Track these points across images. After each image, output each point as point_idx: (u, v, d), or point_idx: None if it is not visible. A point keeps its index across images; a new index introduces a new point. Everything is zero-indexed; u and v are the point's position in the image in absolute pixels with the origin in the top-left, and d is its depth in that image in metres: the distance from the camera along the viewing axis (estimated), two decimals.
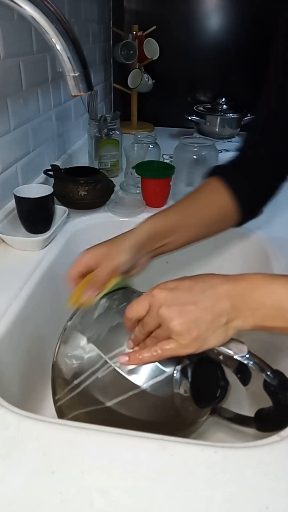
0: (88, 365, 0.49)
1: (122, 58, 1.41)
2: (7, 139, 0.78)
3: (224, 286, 0.42)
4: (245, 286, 0.42)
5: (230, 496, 0.36)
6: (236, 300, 0.41)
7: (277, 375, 0.44)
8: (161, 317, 0.42)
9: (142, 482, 0.37)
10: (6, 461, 0.38)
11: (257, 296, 0.41)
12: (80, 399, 0.49)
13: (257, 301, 0.41)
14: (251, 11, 1.49)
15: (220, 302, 0.41)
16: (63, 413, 0.51)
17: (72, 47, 0.46)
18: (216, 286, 0.42)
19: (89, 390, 0.48)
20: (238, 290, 0.41)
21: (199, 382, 0.47)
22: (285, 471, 0.38)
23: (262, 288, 0.41)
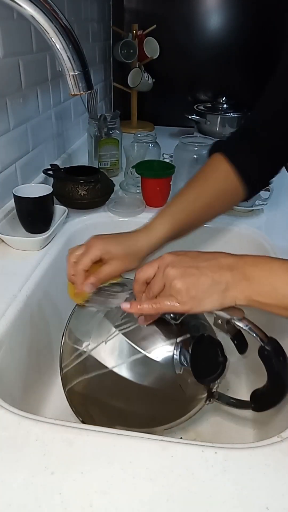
0: (96, 332, 0.52)
1: (122, 57, 1.41)
2: (7, 139, 0.78)
3: (227, 259, 0.45)
4: (247, 261, 0.45)
5: (230, 496, 0.36)
6: (236, 272, 0.44)
7: (272, 341, 0.46)
8: (165, 276, 0.45)
9: (142, 483, 0.37)
10: (6, 461, 0.38)
11: (256, 271, 0.44)
12: (85, 365, 0.51)
13: (255, 275, 0.43)
14: (251, 10, 1.49)
15: (221, 271, 0.44)
16: (68, 380, 0.54)
17: (71, 46, 0.46)
18: (219, 258, 0.45)
19: (94, 356, 0.51)
20: (240, 264, 0.44)
21: (198, 357, 0.49)
22: (285, 471, 0.38)
23: (261, 265, 0.44)
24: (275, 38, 1.52)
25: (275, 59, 1.62)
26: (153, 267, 0.48)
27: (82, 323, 0.55)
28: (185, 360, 0.50)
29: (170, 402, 0.52)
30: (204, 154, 0.92)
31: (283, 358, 0.46)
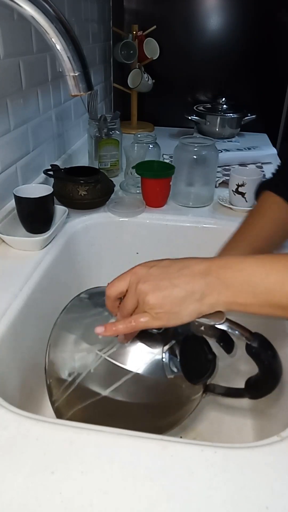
0: (79, 361, 0.50)
1: (122, 58, 1.41)
2: (7, 139, 0.78)
3: (199, 265, 0.44)
4: (219, 264, 0.44)
5: (230, 496, 0.36)
6: (210, 278, 0.43)
7: (256, 337, 0.46)
8: (138, 292, 0.44)
9: (142, 482, 0.37)
10: (6, 461, 0.38)
11: (229, 273, 0.43)
12: (76, 395, 0.50)
13: (229, 277, 0.43)
14: (251, 10, 1.49)
15: (194, 280, 0.43)
16: (62, 413, 0.52)
17: (72, 47, 0.46)
18: (192, 265, 0.44)
19: (84, 384, 0.49)
20: (213, 269, 0.43)
21: (188, 359, 0.49)
22: (285, 471, 0.38)
23: (234, 266, 0.43)
24: (275, 39, 1.52)
25: (275, 59, 1.63)
26: (125, 280, 0.46)
27: (63, 351, 0.53)
28: (175, 366, 0.49)
29: (170, 409, 0.52)
30: (203, 155, 0.93)
31: (271, 351, 0.46)
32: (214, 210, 0.93)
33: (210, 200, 0.96)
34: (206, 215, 0.90)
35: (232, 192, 0.91)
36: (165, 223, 0.89)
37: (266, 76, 1.57)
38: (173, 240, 0.89)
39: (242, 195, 0.90)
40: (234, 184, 0.90)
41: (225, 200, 0.94)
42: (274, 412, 0.57)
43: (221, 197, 0.95)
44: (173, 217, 0.89)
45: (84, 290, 0.93)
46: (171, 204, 0.94)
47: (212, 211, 0.92)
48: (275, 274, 0.42)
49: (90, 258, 0.90)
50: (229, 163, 1.20)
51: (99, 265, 0.92)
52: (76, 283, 0.85)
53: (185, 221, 0.88)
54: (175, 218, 0.89)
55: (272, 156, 1.26)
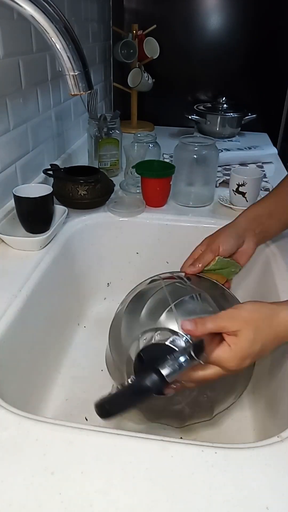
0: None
1: (122, 57, 1.41)
2: (6, 139, 0.78)
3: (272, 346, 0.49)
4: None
5: (230, 496, 0.36)
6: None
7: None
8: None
9: (142, 483, 0.37)
10: (6, 461, 0.38)
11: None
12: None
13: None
14: (251, 10, 1.49)
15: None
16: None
17: (71, 46, 0.46)
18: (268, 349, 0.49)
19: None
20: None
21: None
22: (285, 471, 0.38)
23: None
24: (275, 38, 1.52)
25: (275, 59, 1.63)
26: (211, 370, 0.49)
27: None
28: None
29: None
30: (204, 154, 0.92)
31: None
32: (214, 210, 0.93)
33: (211, 200, 0.96)
34: (207, 215, 0.90)
35: (232, 191, 0.91)
36: (165, 223, 0.89)
37: (267, 75, 1.57)
38: (173, 240, 0.88)
39: (243, 194, 0.90)
40: (235, 184, 0.90)
41: (225, 200, 0.94)
42: (274, 413, 0.57)
43: (222, 197, 0.95)
44: (173, 217, 0.89)
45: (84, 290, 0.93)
46: (171, 204, 0.94)
47: (212, 211, 0.92)
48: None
49: (90, 258, 0.90)
50: (230, 162, 1.20)
51: (99, 265, 0.91)
52: (75, 283, 0.85)
53: (185, 221, 0.88)
54: (175, 218, 0.89)
55: (272, 156, 1.26)
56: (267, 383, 0.64)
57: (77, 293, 0.86)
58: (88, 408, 0.66)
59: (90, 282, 0.91)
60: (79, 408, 0.67)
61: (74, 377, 0.73)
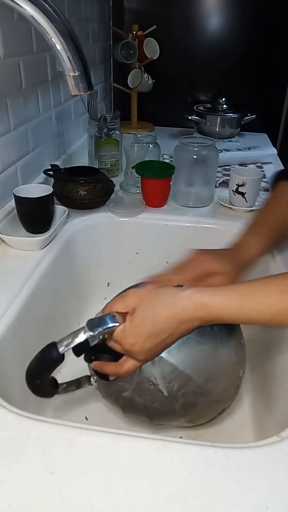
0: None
1: (122, 57, 1.41)
2: (7, 139, 0.78)
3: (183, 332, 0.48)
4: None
5: (230, 496, 0.36)
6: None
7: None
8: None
9: (142, 483, 0.37)
10: (6, 461, 0.38)
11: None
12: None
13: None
14: (251, 10, 1.49)
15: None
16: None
17: (72, 47, 0.46)
18: (175, 335, 0.48)
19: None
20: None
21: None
22: (285, 471, 0.38)
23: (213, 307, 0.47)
24: (275, 38, 1.52)
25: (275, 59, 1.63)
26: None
27: None
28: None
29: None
30: (204, 155, 0.92)
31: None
32: (214, 210, 0.93)
33: (210, 200, 0.96)
34: (206, 215, 0.90)
35: (232, 192, 0.91)
36: (165, 223, 0.89)
37: (266, 75, 1.57)
38: (173, 240, 0.89)
39: (242, 195, 0.90)
40: (234, 184, 0.90)
41: (225, 200, 0.94)
42: (274, 412, 0.57)
43: (221, 197, 0.95)
44: (173, 217, 0.89)
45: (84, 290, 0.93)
46: (171, 204, 0.94)
47: (212, 211, 0.92)
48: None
49: (90, 258, 0.90)
50: (229, 163, 1.20)
51: (99, 265, 0.92)
52: (75, 283, 0.85)
53: (185, 221, 0.88)
54: (175, 218, 0.89)
55: (272, 156, 1.26)
56: (267, 383, 0.64)
57: (77, 293, 0.86)
58: (88, 408, 0.67)
59: (90, 282, 0.91)
60: (79, 408, 0.67)
61: (74, 377, 0.73)
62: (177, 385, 0.53)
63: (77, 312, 0.87)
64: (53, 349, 0.48)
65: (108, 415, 0.66)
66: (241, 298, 0.45)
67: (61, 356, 0.48)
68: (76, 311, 0.86)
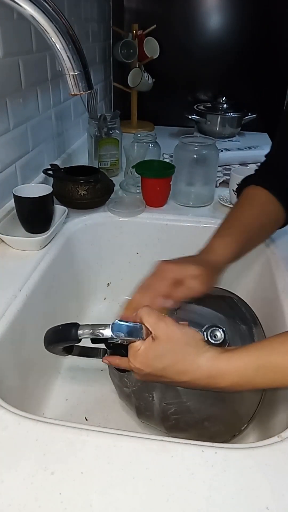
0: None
1: (122, 57, 1.41)
2: (6, 138, 0.78)
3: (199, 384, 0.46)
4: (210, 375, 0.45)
5: (230, 496, 0.36)
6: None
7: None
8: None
9: (142, 483, 0.37)
10: (5, 461, 0.38)
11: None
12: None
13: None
14: (252, 9, 1.49)
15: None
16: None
17: (71, 46, 0.46)
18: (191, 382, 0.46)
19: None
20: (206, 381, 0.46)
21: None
22: (285, 471, 0.38)
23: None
24: (275, 38, 1.52)
25: (275, 58, 1.63)
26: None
27: None
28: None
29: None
30: (204, 154, 0.92)
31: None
32: (214, 209, 0.93)
33: (211, 200, 0.96)
34: (207, 214, 0.90)
35: (232, 191, 0.91)
36: (165, 223, 0.88)
37: (267, 75, 1.57)
38: (173, 240, 0.88)
39: None
40: (235, 184, 0.90)
41: (225, 200, 0.94)
42: (274, 413, 0.57)
43: (222, 197, 0.95)
44: (173, 217, 0.89)
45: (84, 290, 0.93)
46: (171, 204, 0.94)
47: (212, 211, 0.92)
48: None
49: (90, 258, 0.90)
50: (230, 162, 1.20)
51: (99, 265, 0.92)
52: (75, 283, 0.85)
53: (185, 221, 0.88)
54: (175, 218, 0.89)
55: None
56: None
57: (77, 293, 0.86)
58: (88, 408, 0.67)
59: (90, 282, 0.91)
60: (79, 408, 0.67)
61: (74, 377, 0.73)
62: (174, 410, 0.53)
63: (77, 312, 0.87)
64: (73, 330, 0.48)
65: (108, 416, 0.66)
66: (258, 360, 0.43)
67: (77, 339, 0.48)
68: (76, 311, 0.86)
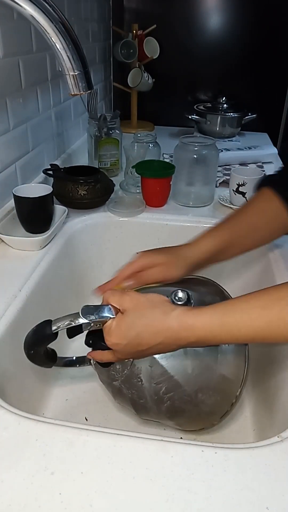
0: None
1: (122, 57, 1.41)
2: (6, 139, 0.78)
3: (170, 347, 0.48)
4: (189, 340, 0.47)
5: (230, 496, 0.36)
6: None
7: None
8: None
9: (142, 483, 0.37)
10: (6, 462, 0.38)
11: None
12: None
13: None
14: (252, 10, 1.49)
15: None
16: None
17: (71, 46, 0.46)
18: (162, 347, 0.48)
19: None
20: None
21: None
22: (285, 471, 0.38)
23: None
24: (275, 37, 1.52)
25: (275, 58, 1.63)
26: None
27: None
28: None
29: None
30: (204, 154, 0.92)
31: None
32: (214, 209, 0.93)
33: (211, 200, 0.96)
34: (207, 214, 0.90)
35: (232, 191, 0.91)
36: (165, 223, 0.88)
37: (267, 75, 1.57)
38: (173, 240, 0.88)
39: (243, 194, 0.90)
40: (235, 184, 0.90)
41: (225, 200, 0.94)
42: (274, 413, 0.57)
43: (222, 197, 0.95)
44: (173, 217, 0.89)
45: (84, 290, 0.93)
46: (171, 204, 0.94)
47: (212, 211, 0.92)
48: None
49: (90, 258, 0.90)
50: (230, 162, 1.20)
51: (99, 265, 0.91)
52: (75, 283, 0.85)
53: (185, 221, 0.88)
54: (175, 218, 0.89)
55: (272, 156, 1.26)
56: (267, 383, 0.64)
57: (77, 293, 0.86)
58: (88, 408, 0.67)
59: (90, 282, 0.90)
60: (79, 408, 0.67)
61: (74, 377, 0.73)
62: (165, 388, 0.53)
63: None
64: (47, 327, 0.50)
65: (108, 416, 0.66)
66: (223, 317, 0.45)
67: (53, 334, 0.50)
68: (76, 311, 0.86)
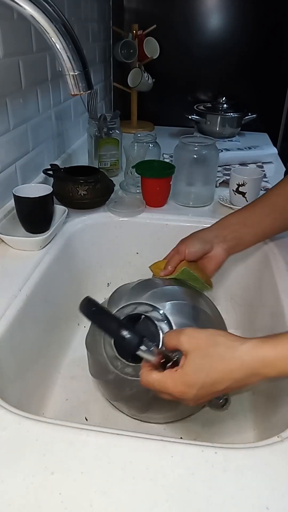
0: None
1: (122, 57, 1.41)
2: (6, 139, 0.78)
3: (239, 382, 0.43)
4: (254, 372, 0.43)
5: (230, 496, 0.36)
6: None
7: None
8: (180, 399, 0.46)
9: (142, 483, 0.37)
10: (6, 461, 0.38)
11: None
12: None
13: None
14: (252, 10, 1.49)
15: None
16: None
17: (71, 46, 0.46)
18: (233, 384, 0.44)
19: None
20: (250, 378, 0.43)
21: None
22: (285, 471, 0.38)
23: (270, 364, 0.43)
24: (275, 38, 1.52)
25: (276, 59, 1.63)
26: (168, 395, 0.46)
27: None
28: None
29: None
30: (204, 154, 0.92)
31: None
32: (214, 210, 0.93)
33: (211, 200, 0.96)
34: (207, 215, 0.90)
35: (232, 191, 0.91)
36: (165, 223, 0.88)
37: (267, 75, 1.57)
38: (173, 240, 0.88)
39: (243, 194, 0.90)
40: (235, 184, 0.90)
41: (225, 200, 0.94)
42: (274, 413, 0.57)
43: (222, 197, 0.95)
44: (173, 217, 0.89)
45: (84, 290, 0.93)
46: (171, 204, 0.94)
47: (212, 211, 0.92)
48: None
49: (90, 258, 0.90)
50: (230, 162, 1.20)
51: (99, 265, 0.91)
52: (75, 283, 0.85)
53: (185, 221, 0.88)
54: (175, 218, 0.89)
55: (272, 156, 1.26)
56: (267, 383, 0.64)
57: (77, 293, 0.86)
58: (88, 408, 0.67)
59: (90, 282, 0.91)
60: (79, 408, 0.67)
61: (74, 377, 0.73)
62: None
63: (77, 312, 0.86)
64: (137, 341, 0.45)
65: (108, 416, 0.66)
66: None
67: (135, 350, 0.45)
68: (76, 311, 0.86)
